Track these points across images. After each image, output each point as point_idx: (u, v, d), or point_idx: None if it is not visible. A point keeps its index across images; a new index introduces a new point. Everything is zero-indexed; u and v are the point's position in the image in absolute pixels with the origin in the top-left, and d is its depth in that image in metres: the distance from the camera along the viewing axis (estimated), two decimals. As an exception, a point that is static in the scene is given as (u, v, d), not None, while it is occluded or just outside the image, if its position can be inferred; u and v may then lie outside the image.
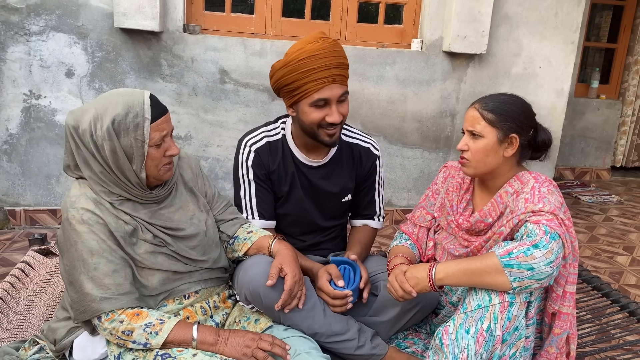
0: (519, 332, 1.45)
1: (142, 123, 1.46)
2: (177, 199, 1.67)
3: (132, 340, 1.46)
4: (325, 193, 1.97)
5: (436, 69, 3.41)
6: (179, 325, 1.49)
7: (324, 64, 1.71)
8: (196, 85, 3.17)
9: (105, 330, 1.47)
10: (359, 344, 1.70)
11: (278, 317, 1.67)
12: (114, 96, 1.49)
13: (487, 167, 1.63)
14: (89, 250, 1.45)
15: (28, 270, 2.16)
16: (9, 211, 3.14)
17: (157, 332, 1.46)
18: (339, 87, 1.76)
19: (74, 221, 1.46)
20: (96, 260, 1.45)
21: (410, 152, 3.53)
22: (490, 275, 1.43)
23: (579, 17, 3.48)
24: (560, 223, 1.46)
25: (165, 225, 1.59)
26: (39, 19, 2.93)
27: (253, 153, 1.90)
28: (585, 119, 5.11)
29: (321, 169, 1.96)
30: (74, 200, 1.48)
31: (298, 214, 1.98)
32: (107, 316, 1.46)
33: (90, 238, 1.46)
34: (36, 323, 1.89)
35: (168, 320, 1.49)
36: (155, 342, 1.46)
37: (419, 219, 1.89)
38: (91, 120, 1.45)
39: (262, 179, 1.91)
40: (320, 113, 1.76)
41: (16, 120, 3.03)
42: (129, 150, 1.47)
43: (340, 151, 1.99)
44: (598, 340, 2.02)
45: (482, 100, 1.64)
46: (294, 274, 1.61)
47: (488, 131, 1.59)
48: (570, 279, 1.54)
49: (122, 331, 1.45)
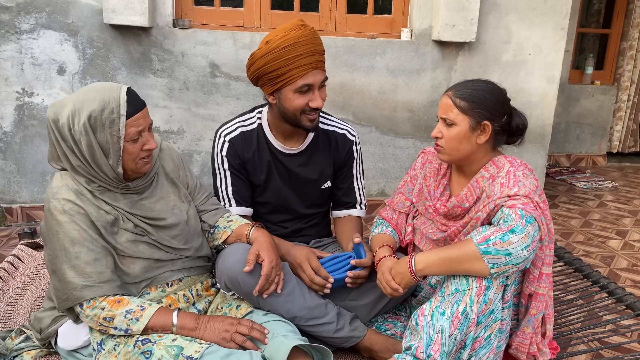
0: (494, 315, 1.48)
1: (117, 119, 1.49)
2: (158, 190, 1.70)
3: (114, 326, 1.50)
4: (304, 180, 2.00)
5: (426, 58, 3.42)
6: (159, 312, 1.53)
7: (307, 51, 1.76)
8: (187, 79, 3.19)
9: (87, 317, 1.51)
10: (337, 326, 1.73)
11: (257, 302, 1.70)
12: (91, 91, 1.51)
13: (461, 154, 1.65)
14: (70, 239, 1.49)
15: (17, 263, 2.21)
16: (5, 208, 3.18)
17: (137, 319, 1.50)
18: (321, 73, 1.82)
19: (55, 211, 1.50)
20: (77, 249, 1.49)
21: (403, 142, 3.55)
22: (469, 262, 1.46)
23: (568, 3, 3.48)
24: (536, 206, 1.48)
25: (146, 215, 1.62)
26: (30, 17, 2.95)
27: (227, 143, 1.94)
28: (580, 105, 5.11)
29: (298, 156, 1.99)
30: (56, 191, 1.52)
31: (277, 202, 2.02)
32: (89, 303, 1.49)
33: (71, 228, 1.49)
34: (24, 314, 1.94)
35: (149, 306, 1.53)
36: (136, 327, 1.50)
37: (398, 205, 1.91)
38: (69, 114, 1.48)
39: (236, 169, 1.94)
40: (304, 99, 1.80)
41: (10, 118, 3.06)
42: (105, 146, 1.50)
43: (317, 138, 2.02)
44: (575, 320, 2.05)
45: (456, 87, 1.65)
46: (270, 259, 1.64)
47: (460, 119, 1.61)
48: (546, 260, 1.56)
49: (104, 318, 1.49)
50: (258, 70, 1.81)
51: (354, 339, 1.77)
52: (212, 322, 1.56)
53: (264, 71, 1.80)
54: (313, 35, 1.80)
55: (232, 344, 1.52)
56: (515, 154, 3.62)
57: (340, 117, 3.38)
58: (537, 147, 3.71)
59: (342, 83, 3.36)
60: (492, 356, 1.50)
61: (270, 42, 1.77)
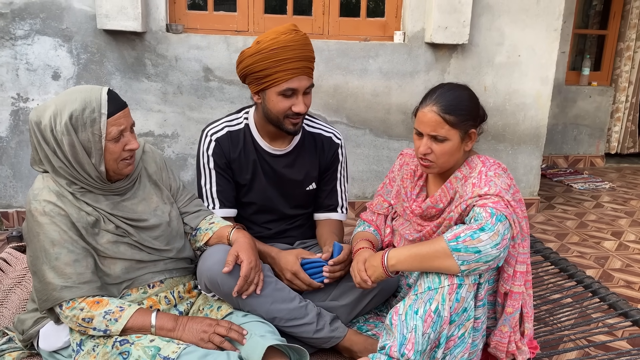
0: (467, 313, 1.49)
1: (98, 118, 1.51)
2: (140, 191, 1.72)
3: (93, 327, 1.51)
4: (290, 181, 2.02)
5: (419, 61, 3.43)
6: (138, 313, 1.54)
7: (294, 55, 1.78)
8: (181, 83, 3.22)
9: (66, 317, 1.53)
10: (317, 327, 1.74)
11: (237, 303, 1.72)
12: (73, 92, 1.54)
13: (451, 164, 1.66)
14: (50, 240, 1.51)
15: (4, 266, 2.23)
16: (1, 213, 3.21)
17: (116, 319, 1.51)
18: (307, 80, 1.83)
19: (36, 213, 1.52)
20: (57, 250, 1.51)
21: (397, 144, 3.56)
22: (439, 259, 1.47)
23: (561, 4, 3.49)
24: (507, 204, 1.49)
25: (128, 217, 1.64)
26: (24, 23, 2.99)
27: (214, 142, 1.96)
28: (577, 106, 5.11)
29: (285, 157, 2.01)
30: (37, 193, 1.54)
31: (262, 202, 2.03)
32: (68, 304, 1.51)
33: (51, 229, 1.51)
34: (9, 316, 1.95)
35: (128, 307, 1.55)
36: (115, 328, 1.51)
37: (377, 207, 1.93)
38: (51, 115, 1.50)
39: (222, 168, 1.96)
40: (287, 102, 1.82)
41: (5, 123, 3.10)
42: (87, 145, 1.52)
43: (303, 140, 2.04)
44: (559, 319, 2.05)
45: (437, 100, 1.59)
46: (249, 260, 1.65)
47: (452, 134, 1.59)
48: (520, 258, 1.56)
49: (83, 318, 1.51)
50: (246, 68, 1.84)
51: (334, 340, 1.78)
52: (190, 322, 1.58)
53: (251, 70, 1.82)
54: (304, 41, 1.82)
55: (210, 344, 1.54)
56: (510, 155, 3.66)
57: (334, 120, 3.41)
58: (532, 148, 3.71)
59: (335, 86, 3.37)
60: (467, 355, 1.51)
61: (260, 43, 1.80)
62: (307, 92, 1.86)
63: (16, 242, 2.46)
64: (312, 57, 1.85)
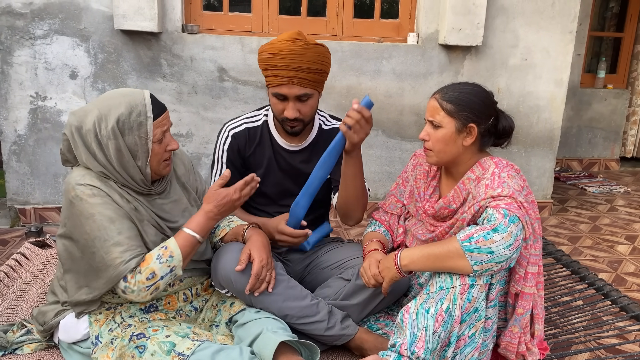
0: (478, 313, 1.49)
1: (145, 121, 1.55)
2: (172, 193, 1.76)
3: (160, 277, 1.54)
4: (306, 175, 2.05)
5: (433, 62, 3.44)
6: (178, 239, 1.59)
7: (285, 64, 1.80)
8: (196, 83, 3.26)
9: (134, 289, 1.53)
10: (328, 325, 1.76)
11: (249, 300, 1.74)
12: (115, 97, 1.57)
13: (448, 156, 1.67)
14: (108, 218, 1.52)
15: (23, 260, 2.28)
16: (19, 209, 3.27)
17: (171, 255, 1.56)
18: (298, 89, 1.84)
19: (85, 196, 1.53)
20: (118, 226, 1.53)
21: (409, 145, 3.56)
22: (452, 259, 1.48)
23: (577, 6, 3.47)
24: (520, 206, 1.49)
25: (159, 214, 1.68)
26: (43, 23, 3.05)
27: (230, 138, 2.01)
28: (592, 109, 5.07)
29: (300, 153, 2.07)
30: (79, 179, 1.55)
31: (277, 195, 2.08)
32: (131, 273, 1.53)
33: (106, 208, 1.53)
34: (27, 309, 2.00)
35: (168, 243, 1.58)
36: (177, 261, 1.56)
37: (390, 207, 1.94)
38: (95, 120, 1.53)
39: (233, 164, 2.01)
40: (280, 105, 1.89)
41: (24, 121, 3.15)
42: (134, 148, 1.56)
43: (318, 138, 2.09)
44: (571, 322, 2.05)
45: (443, 90, 1.68)
46: (261, 258, 1.68)
47: (447, 121, 1.63)
48: (532, 259, 1.57)
49: (147, 277, 1.53)
50: (258, 61, 1.92)
51: (344, 338, 1.79)
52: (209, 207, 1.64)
53: (259, 63, 1.91)
54: (300, 52, 1.80)
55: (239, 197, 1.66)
56: (523, 157, 3.65)
57: (346, 121, 3.42)
58: (546, 150, 3.69)
59: (348, 87, 3.39)
60: (477, 354, 1.52)
61: (265, 45, 1.87)
62: (303, 100, 1.87)
63: (34, 237, 2.51)
64: (308, 68, 1.82)
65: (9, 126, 3.14)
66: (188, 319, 1.78)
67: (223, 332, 1.74)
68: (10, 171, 3.21)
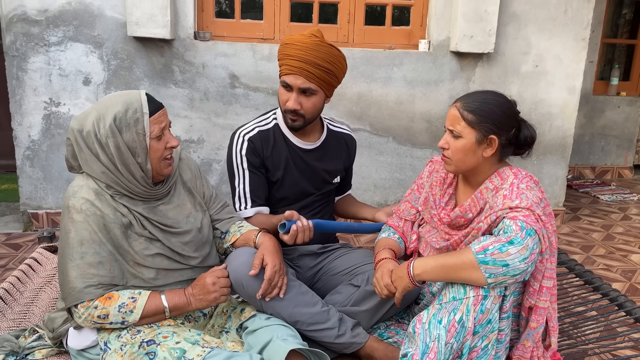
0: (491, 325, 1.47)
1: (141, 117, 1.57)
2: (175, 198, 1.76)
3: (109, 322, 1.56)
4: (323, 172, 2.12)
5: (444, 69, 3.43)
6: (150, 299, 1.60)
7: (296, 55, 1.88)
8: (207, 90, 3.27)
9: (80, 317, 1.56)
10: (339, 332, 1.75)
11: (260, 305, 1.74)
12: (112, 97, 1.61)
13: (467, 166, 1.65)
14: (79, 239, 1.55)
15: (35, 265, 2.29)
16: (32, 214, 3.30)
17: (131, 310, 1.57)
18: (303, 80, 1.90)
19: (72, 209, 1.56)
20: (84, 249, 1.55)
21: (420, 152, 3.55)
22: (466, 271, 1.46)
23: (589, 13, 3.45)
24: (537, 219, 1.47)
25: (161, 221, 1.68)
26: (58, 30, 3.08)
27: (247, 142, 2.01)
28: (605, 116, 5.03)
29: (315, 151, 2.10)
30: (76, 190, 1.58)
31: (295, 197, 2.10)
32: (83, 303, 1.55)
33: (83, 228, 1.55)
34: (38, 314, 2.00)
35: (139, 296, 1.59)
36: (132, 319, 1.57)
37: (404, 213, 1.93)
38: (94, 121, 1.56)
39: (255, 167, 2.01)
40: (285, 95, 1.95)
41: (37, 127, 3.18)
42: (132, 145, 1.57)
43: (329, 137, 2.15)
44: (584, 332, 2.02)
45: (464, 99, 1.65)
46: (274, 264, 1.68)
47: (467, 132, 1.61)
48: (547, 273, 1.54)
49: (98, 316, 1.55)
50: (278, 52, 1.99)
51: (355, 346, 1.78)
52: (195, 290, 1.67)
53: (278, 54, 1.98)
54: (313, 46, 1.88)
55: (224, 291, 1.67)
56: (535, 165, 3.62)
57: (357, 127, 3.43)
58: (558, 158, 3.67)
59: (359, 94, 3.39)
60: (490, 366, 1.50)
61: (286, 37, 1.97)
62: (307, 95, 1.93)
63: (46, 242, 2.52)
64: (316, 64, 1.88)
65: (23, 132, 3.18)
66: (197, 324, 1.78)
67: (233, 338, 1.74)
68: (24, 176, 3.24)
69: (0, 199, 3.87)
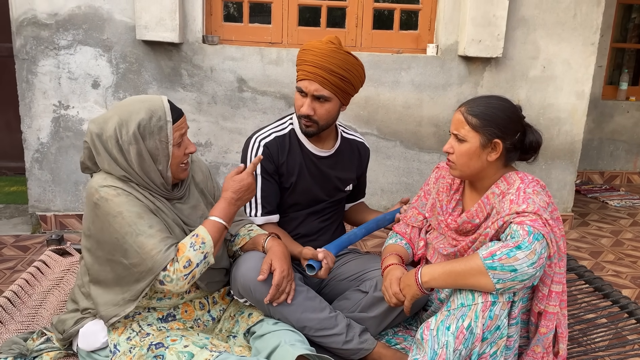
0: (500, 331, 1.46)
1: (165, 125, 1.58)
2: (190, 198, 1.77)
3: (196, 264, 1.56)
4: (336, 179, 2.11)
5: (452, 74, 3.42)
6: (206, 225, 1.61)
7: (312, 60, 1.88)
8: (215, 94, 3.28)
9: (172, 279, 1.53)
10: (346, 338, 1.75)
11: (268, 310, 1.74)
12: (134, 103, 1.60)
13: (472, 170, 1.65)
14: (136, 214, 1.54)
15: (44, 268, 2.30)
16: (40, 216, 3.31)
17: (203, 242, 1.57)
18: (317, 87, 1.90)
19: (109, 196, 1.54)
20: (147, 220, 1.55)
21: (427, 157, 3.55)
22: (474, 277, 1.45)
23: (599, 18, 3.44)
24: (545, 223, 1.46)
25: (181, 218, 1.68)
26: (67, 34, 3.10)
27: (262, 147, 2.00)
28: (614, 121, 4.99)
29: (329, 159, 2.09)
30: (101, 181, 1.57)
31: (308, 203, 2.09)
32: (169, 262, 1.53)
33: (132, 205, 1.55)
34: (47, 317, 2.01)
35: (197, 231, 1.60)
36: (208, 248, 1.58)
37: (411, 219, 1.92)
38: (116, 127, 1.56)
39: (269, 173, 2.00)
40: (300, 100, 1.95)
41: (46, 130, 3.20)
42: (155, 152, 1.58)
43: (343, 144, 2.15)
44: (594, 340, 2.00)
45: (468, 103, 1.65)
46: (282, 269, 1.68)
47: (471, 136, 1.60)
48: (556, 278, 1.53)
49: (183, 266, 1.53)
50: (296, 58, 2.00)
51: (362, 352, 1.77)
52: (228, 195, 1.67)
53: (296, 60, 1.98)
54: (329, 53, 1.87)
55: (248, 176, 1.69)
56: (543, 170, 3.61)
57: (365, 131, 3.43)
58: (566, 163, 3.65)
59: (366, 97, 3.39)
60: (498, 373, 1.49)
61: (304, 44, 1.98)
62: (321, 101, 1.92)
63: (55, 245, 2.53)
64: (331, 70, 1.87)
65: (32, 134, 3.20)
66: (206, 329, 1.78)
67: (241, 343, 1.74)
68: (32, 178, 3.26)
69: (9, 201, 3.89)
